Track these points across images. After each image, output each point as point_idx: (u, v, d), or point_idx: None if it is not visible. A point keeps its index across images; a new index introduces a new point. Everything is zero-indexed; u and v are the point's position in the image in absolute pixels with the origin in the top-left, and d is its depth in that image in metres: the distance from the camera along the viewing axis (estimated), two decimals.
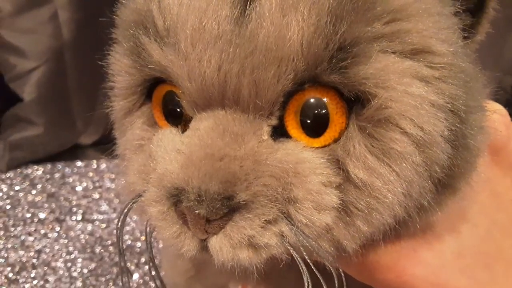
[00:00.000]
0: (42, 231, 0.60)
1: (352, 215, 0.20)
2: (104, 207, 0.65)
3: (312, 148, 0.20)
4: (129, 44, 0.21)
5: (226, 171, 0.18)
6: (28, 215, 0.63)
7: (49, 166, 0.73)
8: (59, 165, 0.73)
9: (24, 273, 0.54)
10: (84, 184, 0.69)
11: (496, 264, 0.26)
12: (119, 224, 0.24)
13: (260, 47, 0.18)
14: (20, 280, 0.53)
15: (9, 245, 0.58)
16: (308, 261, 0.20)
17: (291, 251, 0.20)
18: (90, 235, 0.60)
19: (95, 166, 0.74)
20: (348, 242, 0.21)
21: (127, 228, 0.61)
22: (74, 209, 0.64)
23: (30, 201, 0.66)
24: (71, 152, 0.77)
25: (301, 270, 0.20)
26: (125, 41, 0.22)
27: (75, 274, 0.54)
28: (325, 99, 0.19)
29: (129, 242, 0.59)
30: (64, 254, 0.57)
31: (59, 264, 0.55)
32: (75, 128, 0.74)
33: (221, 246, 0.19)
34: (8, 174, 0.71)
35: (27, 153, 0.71)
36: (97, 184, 0.70)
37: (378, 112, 0.19)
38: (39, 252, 0.57)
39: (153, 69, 0.21)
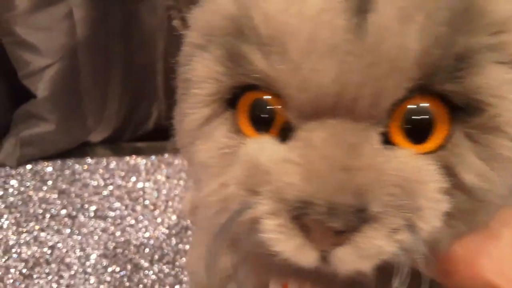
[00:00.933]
0: (55, 227, 0.61)
1: (454, 218, 0.21)
2: (116, 204, 0.65)
3: (419, 153, 0.20)
4: (221, 51, 0.21)
5: (354, 183, 0.19)
6: (40, 211, 0.64)
7: (59, 162, 0.74)
8: (69, 162, 0.74)
9: (38, 269, 0.54)
10: (95, 181, 0.70)
11: None
12: (218, 237, 0.23)
13: (382, 57, 0.18)
14: (35, 276, 0.54)
15: (22, 241, 0.59)
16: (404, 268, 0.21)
17: (402, 256, 0.20)
18: (103, 232, 0.60)
19: (105, 163, 0.74)
20: (445, 242, 0.22)
21: (139, 225, 0.62)
22: (86, 205, 0.65)
23: (41, 197, 0.66)
24: (80, 150, 0.78)
25: (398, 273, 0.21)
26: (216, 48, 0.21)
27: (89, 270, 0.54)
28: (429, 107, 0.20)
29: (143, 240, 0.59)
30: (77, 250, 0.57)
31: (73, 260, 0.56)
32: (86, 126, 0.75)
33: (348, 256, 0.20)
34: (18, 170, 0.71)
35: (38, 150, 0.72)
36: (108, 182, 0.70)
37: (491, 120, 0.19)
38: (52, 248, 0.58)
39: (252, 77, 0.20)
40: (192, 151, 0.23)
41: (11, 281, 0.53)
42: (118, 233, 0.60)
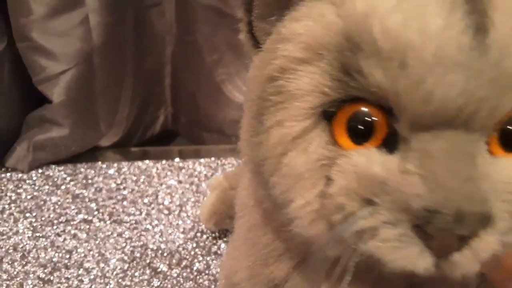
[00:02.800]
0: (71, 232, 0.61)
1: None
2: (130, 208, 0.66)
3: None
4: (333, 65, 0.22)
5: (478, 192, 0.20)
6: (55, 215, 0.64)
7: (70, 167, 0.74)
8: (81, 167, 0.74)
9: (57, 274, 0.55)
10: (108, 186, 0.70)
11: None
12: (328, 248, 0.23)
13: (504, 73, 0.20)
14: (54, 281, 0.54)
15: (39, 246, 0.59)
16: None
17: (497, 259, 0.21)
18: (119, 236, 0.61)
19: (116, 167, 0.74)
20: None
21: (155, 230, 0.62)
22: (101, 210, 0.65)
23: (55, 202, 0.66)
24: (90, 154, 0.78)
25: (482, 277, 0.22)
26: (326, 62, 0.22)
27: (108, 274, 0.55)
28: None
29: (160, 244, 0.60)
30: (96, 255, 0.58)
31: (92, 264, 0.56)
32: (98, 130, 0.75)
33: (466, 261, 0.21)
34: (30, 175, 0.72)
35: (50, 154, 0.72)
36: (120, 186, 0.70)
37: None
38: (70, 252, 0.58)
39: (367, 90, 0.21)
40: (282, 163, 0.23)
41: (31, 286, 0.53)
42: (134, 238, 0.61)
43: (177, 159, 0.77)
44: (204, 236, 0.61)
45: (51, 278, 0.54)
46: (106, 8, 0.67)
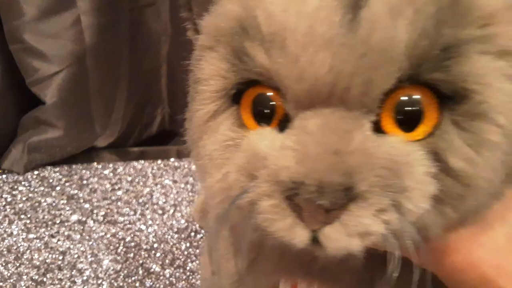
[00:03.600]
0: (65, 233, 0.61)
1: (442, 203, 0.21)
2: (125, 209, 0.66)
3: (409, 141, 0.21)
4: (227, 49, 0.23)
5: (344, 164, 0.20)
6: (49, 217, 0.64)
7: (66, 168, 0.74)
8: (76, 167, 0.74)
9: (50, 275, 0.55)
10: (103, 186, 0.70)
11: None
12: (220, 220, 0.24)
13: (373, 49, 0.20)
14: (47, 282, 0.54)
15: (33, 247, 0.59)
16: (396, 251, 0.22)
17: (390, 238, 0.21)
18: (113, 237, 0.61)
19: (111, 168, 0.75)
20: (436, 229, 0.22)
21: (149, 230, 0.62)
22: (95, 210, 0.65)
23: (50, 203, 0.67)
24: (86, 155, 0.78)
25: (392, 258, 0.22)
26: (222, 47, 0.23)
27: (101, 275, 0.55)
28: (419, 96, 0.21)
29: (153, 244, 0.60)
30: (89, 256, 0.58)
31: (85, 265, 0.56)
32: (93, 131, 0.75)
33: (337, 234, 0.20)
34: (25, 176, 0.72)
35: (45, 156, 0.72)
36: (115, 187, 0.71)
37: (476, 107, 0.20)
38: (63, 253, 0.58)
39: (255, 72, 0.22)
40: (200, 145, 0.25)
41: (24, 287, 0.53)
42: (128, 238, 0.60)
43: (172, 159, 0.77)
44: (198, 236, 0.61)
45: (44, 279, 0.54)
46: (98, 9, 0.67)
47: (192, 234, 0.62)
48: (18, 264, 0.56)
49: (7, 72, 0.69)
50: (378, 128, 0.21)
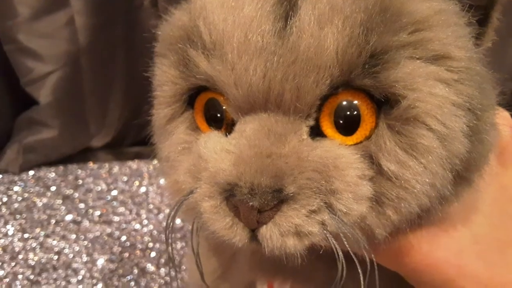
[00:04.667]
0: (61, 233, 0.61)
1: (383, 205, 0.22)
2: (120, 209, 0.66)
3: (346, 145, 0.22)
4: (176, 57, 0.24)
5: (274, 167, 0.21)
6: (45, 217, 0.64)
7: (61, 168, 0.74)
8: (72, 168, 0.74)
9: (45, 275, 0.55)
10: (98, 186, 0.70)
11: (508, 249, 0.29)
12: (170, 220, 0.25)
13: (301, 56, 0.20)
14: (42, 282, 0.54)
15: (28, 247, 0.59)
16: (338, 251, 0.22)
17: (330, 238, 0.22)
18: (108, 236, 0.61)
19: (107, 168, 0.75)
20: (379, 230, 0.23)
21: (144, 230, 0.62)
22: (90, 210, 0.65)
23: (45, 203, 0.67)
24: (82, 155, 0.78)
25: (337, 257, 0.22)
26: (172, 54, 0.24)
27: (96, 274, 0.55)
28: (356, 102, 0.22)
29: (149, 244, 0.60)
30: (84, 255, 0.58)
31: (80, 265, 0.56)
32: (88, 131, 0.75)
33: (271, 234, 0.21)
34: (21, 177, 0.72)
35: (41, 156, 0.72)
36: (111, 186, 0.71)
37: (407, 112, 0.21)
38: (59, 253, 0.58)
39: (200, 78, 0.23)
40: (160, 148, 0.26)
41: (19, 287, 0.53)
42: (123, 238, 0.61)
43: None
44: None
45: (39, 279, 0.54)
46: (92, 9, 0.67)
47: (188, 234, 0.62)
48: (13, 264, 0.56)
49: (1, 73, 0.69)
50: (319, 132, 0.22)
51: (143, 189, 0.70)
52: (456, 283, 0.28)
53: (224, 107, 0.23)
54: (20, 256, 0.58)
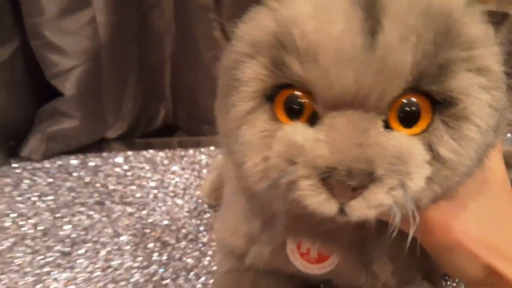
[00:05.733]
0: (86, 213, 0.67)
1: (433, 182, 0.28)
2: (139, 192, 0.71)
3: (410, 135, 0.28)
4: (266, 58, 0.28)
5: (365, 155, 0.26)
6: (70, 198, 0.70)
7: (80, 156, 0.80)
8: (90, 156, 0.80)
9: (76, 247, 0.60)
10: (116, 172, 0.76)
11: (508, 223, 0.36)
12: (263, 195, 0.30)
13: (387, 67, 0.26)
14: (74, 253, 0.60)
15: (58, 224, 0.64)
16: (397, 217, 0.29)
17: (394, 209, 0.28)
18: (130, 215, 0.66)
19: (123, 156, 0.80)
20: (425, 200, 0.29)
21: (163, 209, 0.68)
22: (112, 193, 0.71)
23: (69, 187, 0.72)
24: (97, 145, 0.84)
25: (392, 224, 0.29)
26: (262, 56, 0.28)
27: (122, 247, 0.61)
28: (416, 101, 0.27)
29: (167, 222, 0.66)
30: (109, 231, 0.63)
31: (107, 239, 0.62)
32: (105, 122, 0.81)
33: (360, 206, 0.27)
34: (43, 164, 0.77)
35: (62, 145, 0.78)
36: (128, 173, 0.76)
37: (460, 111, 0.27)
38: (86, 229, 0.64)
39: (291, 78, 0.27)
40: (238, 134, 0.30)
41: (53, 258, 0.59)
42: (144, 217, 0.66)
43: (178, 149, 0.83)
44: (206, 215, 0.67)
45: (71, 251, 0.60)
46: (111, 8, 0.73)
47: (202, 213, 0.68)
48: (46, 239, 0.62)
49: (26, 67, 0.75)
50: (386, 125, 0.28)
51: (157, 176, 0.76)
52: (482, 259, 0.34)
53: (303, 101, 0.28)
54: (51, 232, 0.63)
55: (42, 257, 0.59)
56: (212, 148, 0.83)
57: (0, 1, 0.70)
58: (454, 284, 0.50)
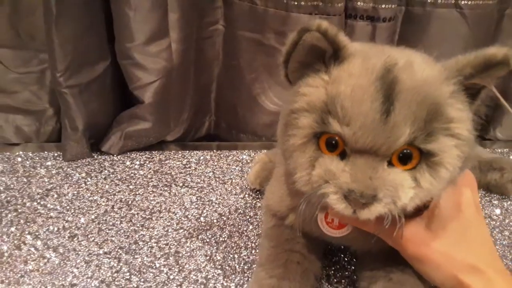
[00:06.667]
0: (158, 192, 0.86)
1: (414, 199, 0.41)
2: (196, 179, 0.91)
3: (403, 170, 0.40)
4: (316, 115, 0.40)
5: (373, 184, 0.38)
6: (144, 182, 0.89)
7: (147, 153, 1.00)
8: (155, 153, 1.00)
9: (155, 215, 0.79)
10: (177, 165, 0.95)
11: (464, 240, 0.47)
12: (307, 198, 0.44)
13: (393, 135, 0.37)
14: (153, 218, 0.79)
15: (137, 199, 0.83)
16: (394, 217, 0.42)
17: (388, 216, 0.40)
18: (192, 195, 0.86)
19: (180, 154, 1.00)
20: (409, 208, 0.41)
21: (216, 192, 0.87)
22: (176, 179, 0.90)
23: (142, 174, 0.92)
24: (158, 145, 1.04)
25: (385, 222, 0.41)
26: (314, 113, 0.40)
27: (189, 217, 0.80)
28: (410, 150, 0.39)
29: (221, 201, 0.85)
30: (178, 205, 0.82)
31: (177, 210, 0.81)
32: (169, 127, 1.01)
33: (365, 213, 0.40)
34: (119, 158, 0.97)
35: (135, 143, 0.97)
36: (187, 166, 0.96)
37: (437, 160, 0.39)
38: (159, 204, 0.82)
39: (331, 131, 0.40)
40: (293, 156, 0.43)
41: (139, 219, 0.78)
42: (203, 197, 0.85)
43: (224, 150, 1.03)
44: (250, 198, 0.86)
45: (151, 217, 0.79)
46: (181, 39, 0.94)
47: (246, 196, 0.87)
48: (129, 209, 0.81)
49: (113, 80, 0.96)
50: (390, 162, 0.40)
51: (209, 169, 0.95)
52: (443, 269, 0.45)
53: (337, 142, 0.40)
54: (133, 204, 0.82)
55: (129, 221, 0.78)
56: (250, 151, 1.03)
57: (99, 30, 0.91)
58: None
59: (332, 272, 0.64)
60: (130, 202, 0.83)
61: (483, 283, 0.43)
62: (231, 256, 0.69)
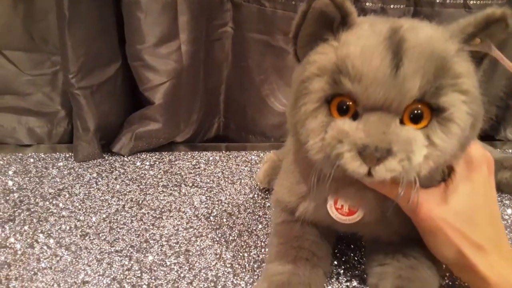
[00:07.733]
0: (168, 192, 0.87)
1: (428, 159, 0.41)
2: (205, 180, 0.92)
3: (416, 129, 0.40)
4: (328, 78, 0.41)
5: (387, 139, 0.39)
6: (154, 182, 0.90)
7: (157, 153, 1.01)
8: (164, 154, 1.01)
9: (165, 214, 0.80)
10: (187, 165, 0.96)
11: (478, 217, 0.47)
12: (321, 163, 0.44)
13: (404, 87, 0.38)
14: (163, 217, 0.79)
15: (148, 199, 0.85)
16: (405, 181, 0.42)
17: (402, 174, 0.40)
18: (201, 195, 0.87)
19: (190, 155, 1.01)
20: (424, 171, 0.41)
21: (225, 192, 0.88)
22: (185, 180, 0.91)
23: (152, 174, 0.93)
24: (167, 146, 1.05)
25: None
26: (326, 76, 0.41)
27: (199, 216, 0.80)
28: (421, 108, 0.40)
29: (231, 200, 0.85)
30: (188, 204, 0.83)
31: (187, 209, 0.82)
32: (179, 128, 1.02)
33: (381, 170, 0.40)
34: (129, 159, 0.98)
35: (145, 143, 0.99)
36: (196, 167, 0.97)
37: (448, 116, 0.40)
38: (170, 203, 0.83)
39: (343, 91, 0.41)
40: (305, 123, 0.43)
41: (149, 219, 0.79)
42: (212, 196, 0.86)
43: (232, 151, 1.04)
44: (259, 198, 0.87)
45: (161, 216, 0.80)
46: (191, 41, 0.95)
47: (255, 196, 0.87)
48: (140, 208, 0.82)
49: (123, 82, 0.98)
50: (401, 122, 0.40)
51: (218, 169, 0.96)
52: (454, 243, 0.45)
53: (349, 104, 0.41)
54: (143, 204, 0.83)
55: (140, 220, 0.79)
56: (259, 151, 1.03)
57: (111, 32, 0.93)
58: None
59: (342, 270, 0.65)
60: (140, 201, 0.84)
61: (486, 265, 0.44)
62: (241, 254, 0.69)
